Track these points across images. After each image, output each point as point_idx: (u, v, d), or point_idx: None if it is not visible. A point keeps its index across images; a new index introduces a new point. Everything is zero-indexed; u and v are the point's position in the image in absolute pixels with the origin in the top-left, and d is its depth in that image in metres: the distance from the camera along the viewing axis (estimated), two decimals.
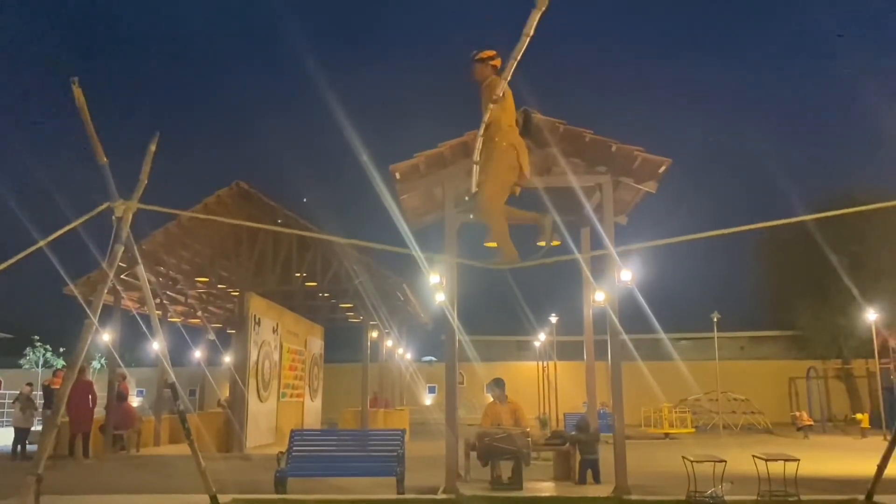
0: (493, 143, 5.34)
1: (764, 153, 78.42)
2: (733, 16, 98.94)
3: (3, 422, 30.23)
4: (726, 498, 7.87)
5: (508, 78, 5.00)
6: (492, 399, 10.30)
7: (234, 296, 19.71)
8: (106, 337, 16.60)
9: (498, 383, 10.24)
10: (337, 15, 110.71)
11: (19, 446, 15.06)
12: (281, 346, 18.96)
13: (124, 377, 17.20)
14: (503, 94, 5.17)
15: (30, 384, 16.63)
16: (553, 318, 29.15)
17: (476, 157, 5.42)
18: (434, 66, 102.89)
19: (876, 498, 7.73)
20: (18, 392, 16.52)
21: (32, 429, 15.72)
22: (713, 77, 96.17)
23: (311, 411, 22.52)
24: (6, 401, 30.70)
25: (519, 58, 4.77)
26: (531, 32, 4.55)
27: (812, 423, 24.70)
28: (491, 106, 5.17)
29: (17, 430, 15.37)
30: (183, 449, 8.07)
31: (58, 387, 14.19)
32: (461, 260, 9.13)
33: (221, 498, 7.85)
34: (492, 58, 5.28)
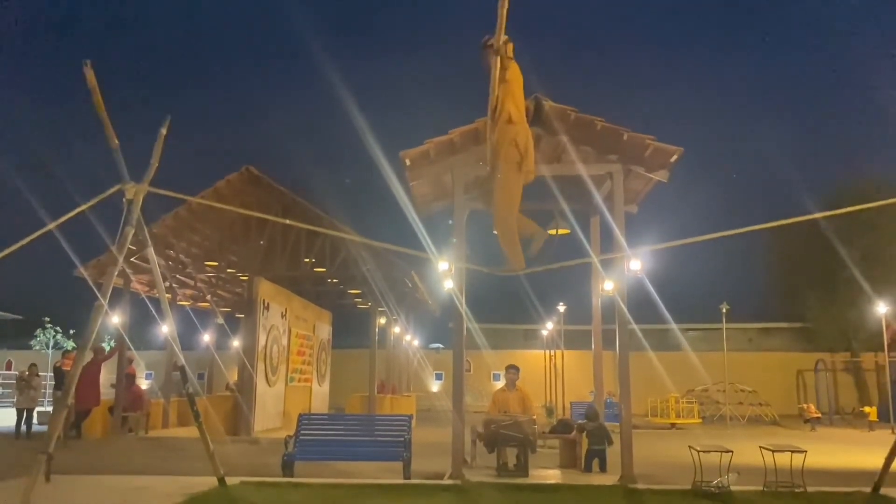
0: (498, 131, 5.30)
1: (778, 143, 77.85)
2: (749, 3, 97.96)
3: (12, 402, 30.61)
4: (732, 488, 7.86)
5: (500, 43, 4.89)
6: (505, 381, 10.32)
7: (243, 280, 19.78)
8: (115, 319, 16.70)
9: (517, 368, 10.37)
10: (348, 1, 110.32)
11: (24, 427, 15.25)
12: (289, 331, 19.02)
13: (131, 360, 17.34)
14: (509, 79, 5.12)
15: (34, 364, 16.74)
16: (561, 307, 29.11)
17: (489, 136, 5.41)
18: (444, 52, 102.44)
19: (883, 491, 7.71)
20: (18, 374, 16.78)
21: (38, 409, 15.93)
22: (727, 66, 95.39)
23: (319, 396, 22.62)
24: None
25: (503, 23, 4.67)
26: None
27: (819, 415, 24.67)
28: (495, 94, 5.13)
29: (18, 411, 15.58)
30: (191, 431, 8.15)
31: (68, 368, 14.31)
32: (470, 265, 9.08)
33: (229, 480, 7.91)
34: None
